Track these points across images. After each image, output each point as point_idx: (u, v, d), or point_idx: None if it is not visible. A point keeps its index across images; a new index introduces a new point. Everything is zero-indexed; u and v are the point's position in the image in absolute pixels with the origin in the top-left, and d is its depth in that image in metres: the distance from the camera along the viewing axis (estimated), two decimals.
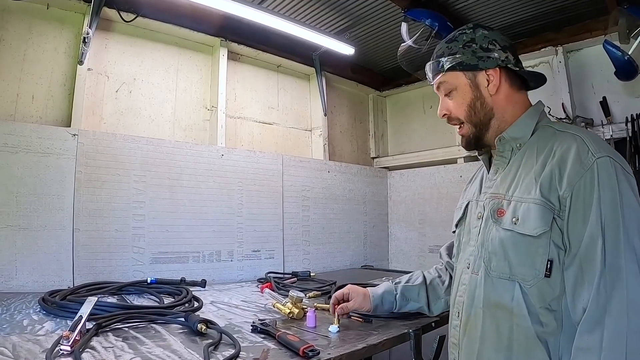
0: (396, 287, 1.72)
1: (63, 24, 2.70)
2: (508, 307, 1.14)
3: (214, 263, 2.87)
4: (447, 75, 1.33)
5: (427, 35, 2.93)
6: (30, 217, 2.25)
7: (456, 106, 1.34)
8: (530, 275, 1.11)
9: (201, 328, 1.51)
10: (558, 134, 1.19)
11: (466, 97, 1.31)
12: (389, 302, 1.70)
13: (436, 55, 1.38)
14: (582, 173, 1.06)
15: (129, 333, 1.53)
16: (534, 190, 1.12)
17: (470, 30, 1.33)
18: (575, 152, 1.09)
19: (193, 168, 2.86)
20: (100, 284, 2.26)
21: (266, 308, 2.04)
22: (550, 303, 1.09)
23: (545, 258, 1.09)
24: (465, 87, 1.30)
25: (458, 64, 1.30)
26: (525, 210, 1.13)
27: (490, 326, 1.18)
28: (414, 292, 1.70)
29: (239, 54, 3.54)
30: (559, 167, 1.10)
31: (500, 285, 1.17)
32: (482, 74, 1.28)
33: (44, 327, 1.56)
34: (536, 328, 1.09)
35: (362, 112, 4.63)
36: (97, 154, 2.49)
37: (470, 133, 1.33)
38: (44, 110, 2.58)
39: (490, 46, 1.28)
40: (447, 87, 1.35)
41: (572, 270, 1.06)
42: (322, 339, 1.52)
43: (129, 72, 2.95)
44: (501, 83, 1.28)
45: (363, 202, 4.05)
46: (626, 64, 2.58)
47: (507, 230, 1.16)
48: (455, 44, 1.33)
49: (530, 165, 1.19)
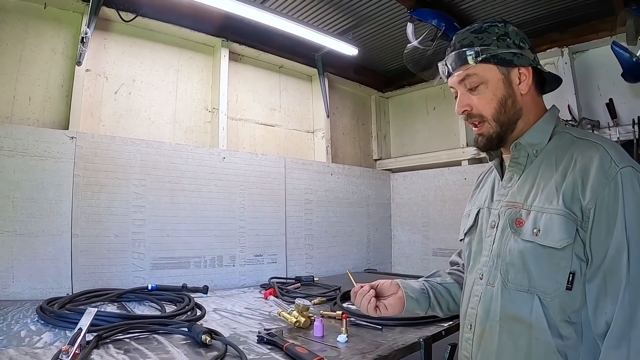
0: (431, 288, 1.50)
1: (61, 24, 2.66)
2: (526, 321, 1.10)
3: (215, 268, 2.82)
4: (479, 67, 1.21)
5: (433, 35, 2.89)
6: (27, 222, 2.20)
7: (483, 102, 1.23)
8: (551, 288, 1.06)
9: (205, 339, 1.46)
10: (577, 141, 1.14)
11: (497, 93, 1.21)
12: (424, 306, 1.48)
13: (460, 45, 1.25)
14: (605, 184, 1.01)
15: (131, 345, 1.48)
16: (556, 201, 1.08)
17: (502, 24, 1.24)
18: (598, 162, 1.04)
19: (194, 171, 2.81)
20: (100, 291, 2.22)
21: (271, 316, 1.99)
22: (570, 315, 1.05)
23: (568, 270, 1.05)
24: (498, 83, 1.21)
25: (492, 57, 1.20)
26: (547, 221, 1.08)
27: (508, 340, 1.14)
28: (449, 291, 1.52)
29: (240, 54, 3.50)
30: (582, 177, 1.06)
31: (518, 298, 1.12)
32: (515, 71, 1.21)
33: (42, 338, 1.52)
34: (556, 342, 1.05)
35: (364, 114, 4.60)
36: (96, 157, 2.44)
37: (493, 132, 1.24)
38: (41, 112, 2.53)
39: (521, 44, 1.22)
40: (474, 81, 1.22)
41: (595, 283, 1.02)
42: (331, 349, 1.48)
43: (128, 73, 2.90)
44: (531, 83, 1.22)
45: (366, 204, 4.01)
46: (635, 66, 2.54)
47: (527, 241, 1.11)
48: (487, 35, 1.22)
49: (550, 173, 1.14)
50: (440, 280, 1.51)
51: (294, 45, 3.52)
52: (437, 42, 2.91)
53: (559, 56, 3.23)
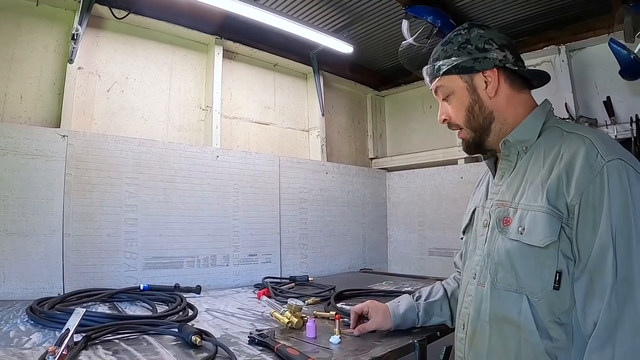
0: (418, 304, 1.61)
1: (53, 22, 2.63)
2: (515, 322, 1.09)
3: (209, 268, 2.80)
4: (444, 79, 1.28)
5: (429, 33, 2.87)
6: (18, 221, 2.18)
7: (455, 111, 1.30)
8: (538, 288, 1.05)
9: (196, 340, 1.43)
10: (566, 135, 1.13)
11: (464, 102, 1.26)
12: (411, 320, 1.60)
13: (432, 59, 1.33)
14: (591, 178, 1.00)
15: (120, 346, 1.46)
16: (541, 198, 1.07)
17: (465, 30, 1.28)
18: (583, 156, 1.03)
19: (187, 170, 2.78)
20: (91, 291, 2.19)
21: (263, 317, 1.97)
22: (559, 316, 1.03)
23: (554, 270, 1.03)
24: (462, 91, 1.26)
25: (454, 67, 1.25)
26: (531, 219, 1.07)
27: (497, 341, 1.13)
28: (437, 307, 1.61)
29: (234, 52, 3.47)
30: (567, 172, 1.04)
31: (507, 298, 1.12)
32: (479, 75, 1.23)
33: (31, 339, 1.49)
34: (545, 343, 1.04)
35: (360, 112, 4.58)
36: (88, 155, 2.41)
37: (470, 138, 1.29)
38: (32, 110, 2.51)
39: (486, 46, 1.23)
40: (444, 92, 1.31)
41: (582, 282, 1.00)
42: (323, 351, 1.46)
43: (121, 70, 2.87)
44: (500, 84, 1.22)
45: (361, 204, 3.99)
46: (632, 63, 2.53)
47: (513, 240, 1.11)
48: (450, 46, 1.28)
49: (537, 169, 1.13)
50: (432, 299, 1.62)
51: (288, 43, 3.49)
52: (432, 39, 2.89)
53: (556, 54, 3.22)
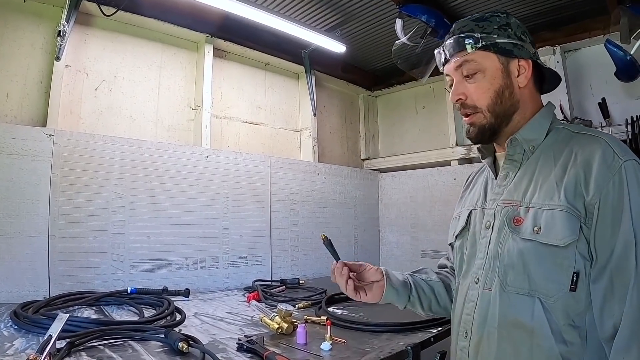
0: (414, 283, 1.44)
1: (40, 18, 2.57)
2: (527, 326, 1.04)
3: (198, 271, 2.75)
4: (477, 54, 1.17)
5: (423, 32, 2.85)
6: (2, 223, 2.13)
7: (479, 91, 1.18)
8: (554, 290, 1.02)
9: (182, 347, 1.40)
10: (576, 135, 1.11)
11: (494, 83, 1.17)
12: (403, 299, 1.42)
13: (460, 31, 1.21)
14: (609, 177, 0.98)
15: (104, 352, 1.42)
16: (557, 196, 1.03)
17: (504, 15, 1.21)
18: (601, 155, 1.00)
19: (176, 170, 2.74)
20: (78, 294, 2.14)
21: (253, 321, 1.93)
22: (574, 319, 1.00)
23: (571, 270, 1.00)
24: (496, 72, 1.17)
25: (493, 45, 1.16)
26: (548, 218, 1.03)
27: (507, 348, 1.08)
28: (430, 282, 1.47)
29: (225, 51, 3.43)
30: (584, 171, 1.01)
31: (518, 302, 1.07)
32: (515, 62, 1.17)
33: (14, 345, 1.45)
34: (560, 348, 0.99)
35: (352, 113, 4.54)
36: (74, 155, 2.37)
37: (487, 123, 1.19)
38: (18, 109, 2.45)
39: (522, 36, 1.18)
40: (472, 68, 1.18)
41: (601, 283, 0.98)
42: (314, 358, 1.43)
43: (109, 69, 2.82)
44: (530, 77, 1.18)
45: (353, 205, 3.96)
46: (629, 65, 2.52)
47: (527, 240, 1.06)
48: (488, 23, 1.18)
49: (549, 169, 1.10)
50: (425, 277, 1.46)
51: (280, 42, 3.45)
52: (426, 38, 2.87)
53: (550, 55, 3.21)
